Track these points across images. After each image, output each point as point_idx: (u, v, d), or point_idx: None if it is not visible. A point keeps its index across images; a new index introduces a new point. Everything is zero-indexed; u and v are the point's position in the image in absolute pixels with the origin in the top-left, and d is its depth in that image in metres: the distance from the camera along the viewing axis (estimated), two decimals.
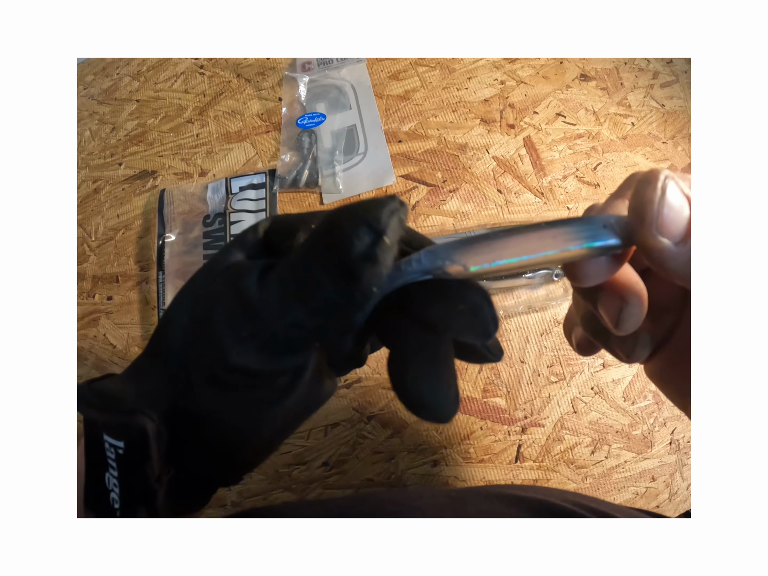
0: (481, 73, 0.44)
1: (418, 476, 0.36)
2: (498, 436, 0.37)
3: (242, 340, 0.13)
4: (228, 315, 0.13)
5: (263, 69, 0.45)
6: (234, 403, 0.14)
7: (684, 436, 0.38)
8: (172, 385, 0.14)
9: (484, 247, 0.12)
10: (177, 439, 0.15)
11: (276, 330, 0.12)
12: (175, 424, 0.15)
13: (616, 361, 0.38)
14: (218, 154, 0.44)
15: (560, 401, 0.37)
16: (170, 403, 0.14)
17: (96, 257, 0.43)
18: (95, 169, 0.45)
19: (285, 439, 0.18)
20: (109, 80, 0.48)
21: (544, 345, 0.38)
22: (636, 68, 0.45)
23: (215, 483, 0.17)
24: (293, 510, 0.25)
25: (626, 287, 0.15)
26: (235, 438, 0.15)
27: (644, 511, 0.30)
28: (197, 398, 0.14)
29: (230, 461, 0.16)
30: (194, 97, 0.46)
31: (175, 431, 0.15)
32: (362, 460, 0.36)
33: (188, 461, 0.15)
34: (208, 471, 0.16)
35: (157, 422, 0.14)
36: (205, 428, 0.15)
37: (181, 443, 0.15)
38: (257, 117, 0.44)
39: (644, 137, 0.43)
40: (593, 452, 0.37)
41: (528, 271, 0.12)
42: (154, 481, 0.14)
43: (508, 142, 0.42)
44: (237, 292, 0.13)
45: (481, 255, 0.12)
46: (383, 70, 0.44)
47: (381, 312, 0.13)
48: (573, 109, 0.43)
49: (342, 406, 0.37)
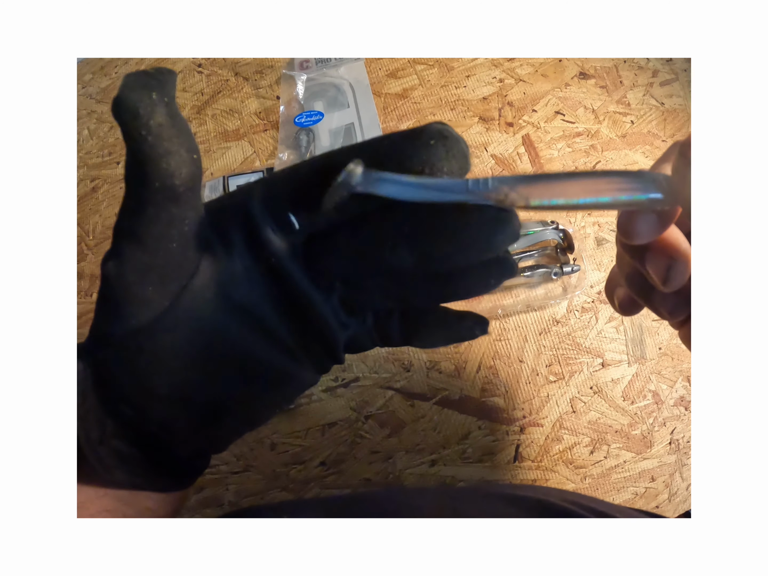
0: (480, 71, 0.44)
1: (416, 476, 0.36)
2: (496, 435, 0.37)
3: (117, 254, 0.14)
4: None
5: (261, 67, 0.45)
6: (122, 321, 0.14)
7: (684, 436, 0.38)
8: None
9: (547, 185, 0.13)
10: (103, 383, 0.15)
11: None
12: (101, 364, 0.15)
13: (616, 361, 0.38)
14: (216, 152, 0.43)
15: (559, 401, 0.37)
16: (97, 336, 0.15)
17: (94, 256, 0.43)
18: (93, 167, 0.45)
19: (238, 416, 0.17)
20: (108, 79, 0.48)
21: (542, 344, 0.38)
22: (635, 66, 0.45)
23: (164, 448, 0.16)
24: (291, 509, 0.25)
25: (674, 246, 0.16)
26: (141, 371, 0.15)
27: (644, 512, 0.30)
28: (98, 326, 0.14)
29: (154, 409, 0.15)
30: (192, 96, 0.46)
31: (101, 372, 0.15)
32: (360, 460, 0.36)
33: (121, 410, 0.15)
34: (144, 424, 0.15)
35: (84, 363, 0.14)
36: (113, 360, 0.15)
37: (108, 387, 0.15)
38: (255, 115, 0.44)
39: (644, 135, 0.42)
40: (592, 452, 0.37)
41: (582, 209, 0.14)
42: (83, 443, 0.14)
43: (506, 141, 0.41)
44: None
45: (544, 191, 0.13)
46: (381, 68, 0.44)
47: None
48: (572, 107, 0.43)
49: (339, 405, 0.37)
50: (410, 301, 0.16)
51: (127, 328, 0.14)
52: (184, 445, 0.17)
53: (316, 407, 0.37)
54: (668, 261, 0.16)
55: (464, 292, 0.15)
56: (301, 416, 0.37)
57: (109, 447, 0.15)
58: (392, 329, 0.17)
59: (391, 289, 0.16)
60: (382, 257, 0.14)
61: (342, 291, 0.16)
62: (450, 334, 0.17)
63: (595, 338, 0.38)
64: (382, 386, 0.37)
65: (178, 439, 0.16)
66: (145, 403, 0.15)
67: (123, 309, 0.14)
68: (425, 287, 0.15)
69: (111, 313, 0.14)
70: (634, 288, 0.19)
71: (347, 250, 0.15)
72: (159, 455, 0.16)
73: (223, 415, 0.16)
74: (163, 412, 0.15)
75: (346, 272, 0.15)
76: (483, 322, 0.17)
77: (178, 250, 0.14)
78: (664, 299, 0.18)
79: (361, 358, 0.37)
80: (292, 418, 0.37)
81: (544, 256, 0.39)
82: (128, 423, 0.15)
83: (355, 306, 0.16)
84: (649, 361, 0.38)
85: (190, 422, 0.16)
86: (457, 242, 0.13)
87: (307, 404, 0.37)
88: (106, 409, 0.15)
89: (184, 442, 0.17)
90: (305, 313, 0.16)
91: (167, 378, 0.15)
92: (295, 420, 0.37)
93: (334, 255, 0.15)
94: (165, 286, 0.14)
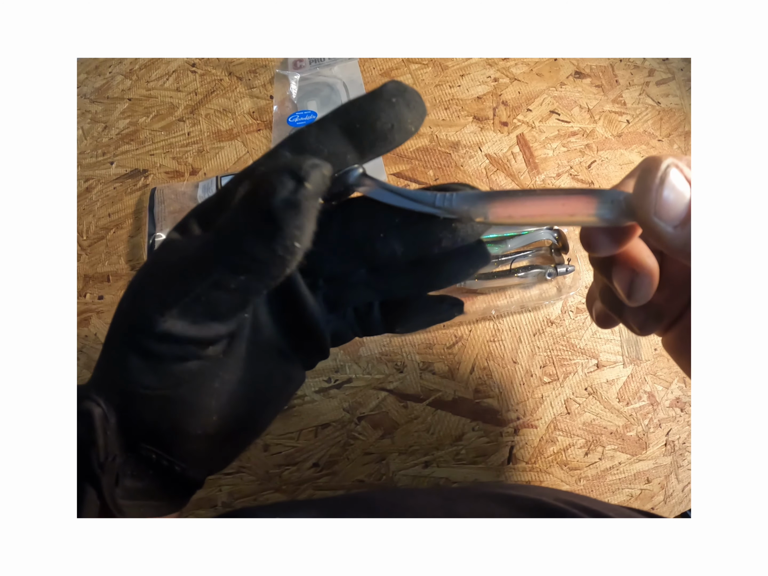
0: (474, 70, 0.43)
1: (410, 477, 0.36)
2: (490, 437, 0.36)
3: (166, 306, 0.13)
4: (154, 281, 0.13)
5: (255, 67, 0.45)
6: (167, 377, 0.14)
7: (679, 437, 0.38)
8: (112, 366, 0.14)
9: (505, 203, 0.14)
10: (128, 425, 0.14)
11: (198, 292, 0.12)
12: (125, 408, 0.14)
13: (611, 362, 0.38)
14: (209, 152, 0.43)
15: (553, 402, 0.37)
16: (112, 384, 0.14)
17: (87, 256, 0.42)
18: (87, 168, 0.45)
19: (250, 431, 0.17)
20: (102, 79, 0.48)
21: (537, 345, 0.38)
22: (631, 65, 0.45)
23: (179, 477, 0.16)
24: (285, 510, 0.24)
25: (637, 261, 0.16)
26: (178, 417, 0.15)
27: (639, 511, 0.30)
28: (132, 375, 0.14)
29: (182, 447, 0.15)
30: (186, 96, 0.46)
31: (126, 416, 0.14)
32: (353, 461, 0.36)
33: (142, 448, 0.15)
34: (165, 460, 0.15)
35: (104, 407, 0.14)
36: (147, 408, 0.14)
37: (133, 429, 0.14)
38: (248, 115, 0.44)
39: (639, 135, 0.42)
40: (587, 454, 0.37)
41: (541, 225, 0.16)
42: (96, 466, 0.14)
43: (501, 140, 0.41)
44: (163, 256, 0.13)
45: (501, 209, 0.14)
46: (375, 67, 0.44)
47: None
48: (567, 107, 0.43)
49: (332, 406, 0.37)
50: (393, 292, 0.16)
51: (172, 382, 0.14)
52: (200, 471, 0.17)
53: (309, 408, 0.37)
54: (631, 275, 0.16)
55: (445, 281, 0.16)
56: (294, 417, 0.37)
57: (123, 488, 0.15)
58: (374, 320, 0.17)
59: (374, 283, 0.16)
60: (373, 249, 0.15)
61: (326, 288, 0.16)
62: (430, 318, 0.18)
63: (589, 339, 0.38)
64: (375, 387, 0.37)
65: (196, 467, 0.16)
66: (172, 441, 0.15)
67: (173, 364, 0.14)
68: (408, 278, 0.16)
69: (152, 366, 0.14)
70: (605, 302, 0.19)
71: (340, 244, 0.15)
72: (172, 486, 0.16)
73: (240, 434, 0.17)
74: (190, 447, 0.15)
75: (333, 268, 0.15)
76: (459, 303, 0.18)
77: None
78: (634, 314, 0.19)
79: (354, 359, 0.37)
80: (285, 419, 0.37)
81: (539, 256, 0.38)
82: (146, 459, 0.15)
83: (338, 302, 0.16)
84: (644, 362, 0.38)
85: (211, 450, 0.16)
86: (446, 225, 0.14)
87: (300, 405, 0.37)
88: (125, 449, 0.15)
89: (200, 468, 0.16)
90: (299, 313, 0.16)
91: (205, 420, 0.15)
92: (288, 421, 0.37)
93: (324, 251, 0.15)
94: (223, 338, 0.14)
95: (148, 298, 0.13)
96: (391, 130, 0.13)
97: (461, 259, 0.16)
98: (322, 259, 0.15)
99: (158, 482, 0.16)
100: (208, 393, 0.14)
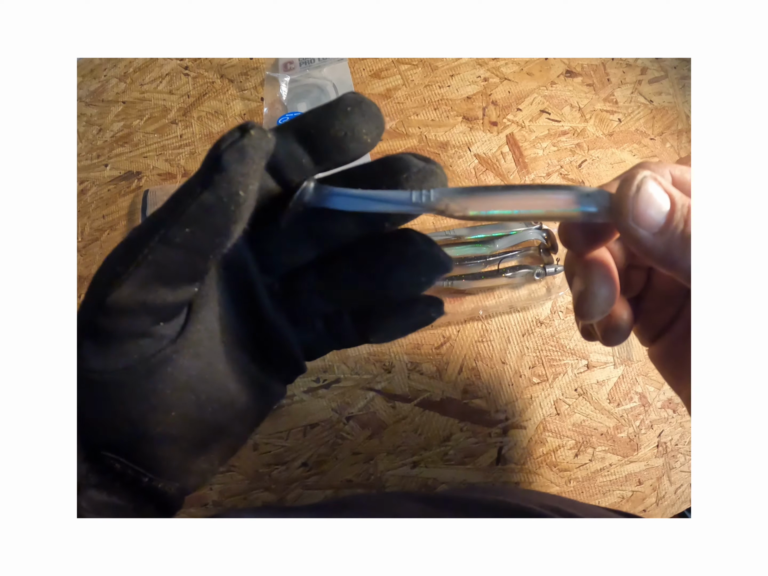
0: (464, 70, 0.43)
1: (398, 477, 0.36)
2: (478, 438, 0.36)
3: (116, 274, 0.12)
4: (110, 255, 0.13)
5: (246, 69, 0.46)
6: (117, 357, 0.13)
7: (671, 439, 0.38)
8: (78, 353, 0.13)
9: (484, 197, 0.14)
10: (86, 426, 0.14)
11: (146, 253, 0.12)
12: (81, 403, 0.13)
13: (601, 363, 0.38)
14: (201, 154, 0.44)
15: (542, 403, 0.37)
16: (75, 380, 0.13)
17: (82, 258, 0.43)
18: (82, 170, 0.46)
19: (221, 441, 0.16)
20: (97, 82, 0.49)
21: (525, 346, 0.37)
22: (623, 64, 0.44)
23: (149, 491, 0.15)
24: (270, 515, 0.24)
25: (591, 278, 0.16)
26: (131, 407, 0.14)
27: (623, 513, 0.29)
28: (83, 361, 0.13)
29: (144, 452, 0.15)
30: (179, 98, 0.46)
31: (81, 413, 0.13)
32: (341, 461, 0.36)
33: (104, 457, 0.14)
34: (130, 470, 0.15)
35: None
36: (100, 399, 0.14)
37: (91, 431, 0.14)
38: (240, 117, 0.44)
39: (631, 134, 0.42)
40: (577, 455, 0.37)
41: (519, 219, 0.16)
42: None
43: (490, 140, 0.41)
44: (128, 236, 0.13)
45: (481, 203, 0.14)
46: (365, 68, 0.44)
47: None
48: (558, 106, 0.42)
49: (321, 406, 0.37)
50: (345, 301, 0.16)
51: (124, 363, 0.13)
52: (171, 484, 0.16)
53: (298, 408, 0.37)
54: (580, 289, 0.16)
55: (397, 289, 0.16)
56: (283, 417, 0.37)
57: (86, 498, 0.14)
58: (345, 329, 0.17)
59: (326, 291, 0.16)
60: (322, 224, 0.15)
61: (281, 294, 0.16)
62: (405, 324, 0.17)
63: (579, 340, 0.38)
64: (363, 387, 0.37)
65: (165, 478, 0.15)
66: (134, 444, 0.14)
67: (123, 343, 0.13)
68: (356, 285, 0.16)
69: (103, 347, 0.13)
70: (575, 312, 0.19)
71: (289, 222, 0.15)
72: (144, 502, 0.15)
73: (212, 444, 0.16)
74: (153, 452, 0.15)
75: (283, 257, 0.15)
76: (436, 302, 0.17)
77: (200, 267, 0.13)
78: (599, 325, 0.19)
79: (342, 359, 0.37)
80: (274, 419, 0.37)
81: (527, 256, 0.38)
82: (109, 468, 0.14)
83: (296, 313, 0.16)
84: (635, 363, 0.38)
85: (180, 459, 0.15)
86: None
87: (289, 405, 0.37)
88: (85, 455, 0.14)
89: (171, 481, 0.16)
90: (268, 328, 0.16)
91: (162, 416, 0.14)
92: (277, 421, 0.37)
93: (274, 231, 0.15)
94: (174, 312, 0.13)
95: (100, 273, 0.13)
96: (344, 138, 0.14)
97: (409, 266, 0.15)
98: (273, 243, 0.15)
99: (127, 497, 0.15)
100: (161, 379, 0.14)
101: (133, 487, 0.15)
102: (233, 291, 0.15)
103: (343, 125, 0.13)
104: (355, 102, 0.14)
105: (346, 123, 0.13)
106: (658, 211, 0.14)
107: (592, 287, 0.16)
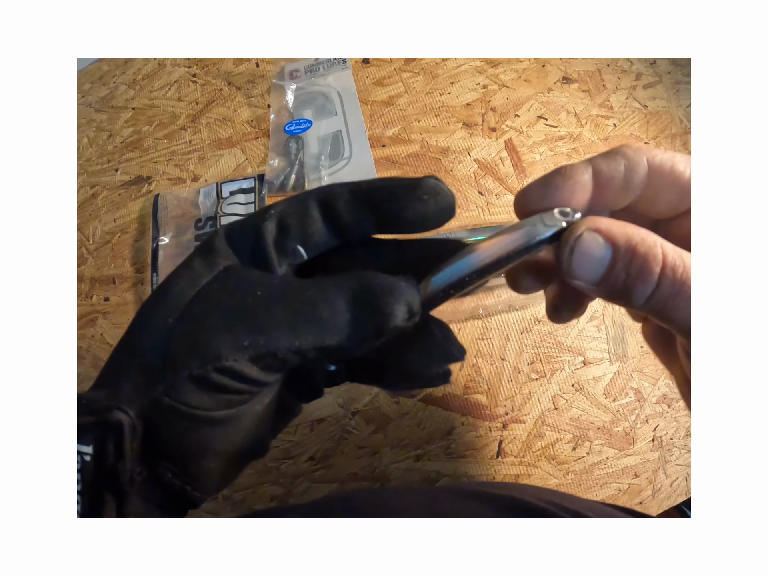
0: (464, 77, 0.45)
1: (401, 471, 0.37)
2: (479, 432, 0.38)
3: (240, 349, 0.14)
4: (229, 319, 0.14)
5: (253, 77, 0.47)
6: (220, 401, 0.15)
7: (666, 433, 0.39)
8: (152, 382, 0.14)
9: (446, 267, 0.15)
10: (153, 438, 0.15)
11: (278, 351, 0.13)
12: (154, 421, 0.15)
13: (597, 359, 0.39)
14: (210, 159, 0.45)
15: (541, 398, 0.38)
16: (150, 401, 0.14)
17: (94, 260, 0.44)
18: (93, 174, 0.47)
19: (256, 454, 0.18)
20: (106, 89, 0.50)
21: (524, 343, 0.39)
22: (619, 70, 0.46)
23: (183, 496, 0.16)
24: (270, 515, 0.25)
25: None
26: (213, 437, 0.15)
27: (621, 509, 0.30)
28: (182, 395, 0.14)
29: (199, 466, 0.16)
30: (187, 105, 0.47)
31: (152, 429, 0.15)
32: (347, 455, 0.38)
33: (160, 465, 0.15)
34: (179, 479, 0.16)
35: (133, 418, 0.14)
36: (185, 426, 0.15)
37: (158, 442, 0.15)
38: (247, 124, 0.45)
39: (626, 138, 0.43)
40: (574, 448, 0.38)
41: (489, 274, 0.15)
42: (125, 481, 0.14)
43: (489, 145, 0.42)
44: (242, 300, 0.14)
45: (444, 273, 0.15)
46: (368, 76, 0.45)
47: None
48: (554, 112, 0.44)
49: (328, 402, 0.38)
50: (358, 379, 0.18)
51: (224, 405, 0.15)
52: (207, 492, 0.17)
53: (305, 404, 0.38)
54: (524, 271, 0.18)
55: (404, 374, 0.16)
56: None
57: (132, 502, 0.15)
58: (360, 374, 0.18)
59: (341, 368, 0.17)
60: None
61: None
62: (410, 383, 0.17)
63: (576, 337, 0.39)
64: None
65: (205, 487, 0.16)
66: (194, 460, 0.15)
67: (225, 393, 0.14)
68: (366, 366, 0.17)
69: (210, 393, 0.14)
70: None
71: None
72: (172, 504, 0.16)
73: (248, 456, 0.17)
74: (205, 466, 0.16)
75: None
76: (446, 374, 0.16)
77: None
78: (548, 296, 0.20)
79: None
80: None
81: None
82: (158, 477, 0.15)
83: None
84: (630, 359, 0.39)
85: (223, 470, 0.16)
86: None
87: None
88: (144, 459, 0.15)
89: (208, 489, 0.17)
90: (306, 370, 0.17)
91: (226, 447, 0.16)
92: None
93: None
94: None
95: (219, 334, 0.14)
96: (413, 223, 0.14)
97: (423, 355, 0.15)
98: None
99: (161, 500, 0.16)
100: (239, 423, 0.15)
101: (171, 493, 0.16)
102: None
103: (416, 211, 0.14)
104: (433, 191, 0.14)
105: (419, 209, 0.14)
106: (595, 268, 0.14)
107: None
